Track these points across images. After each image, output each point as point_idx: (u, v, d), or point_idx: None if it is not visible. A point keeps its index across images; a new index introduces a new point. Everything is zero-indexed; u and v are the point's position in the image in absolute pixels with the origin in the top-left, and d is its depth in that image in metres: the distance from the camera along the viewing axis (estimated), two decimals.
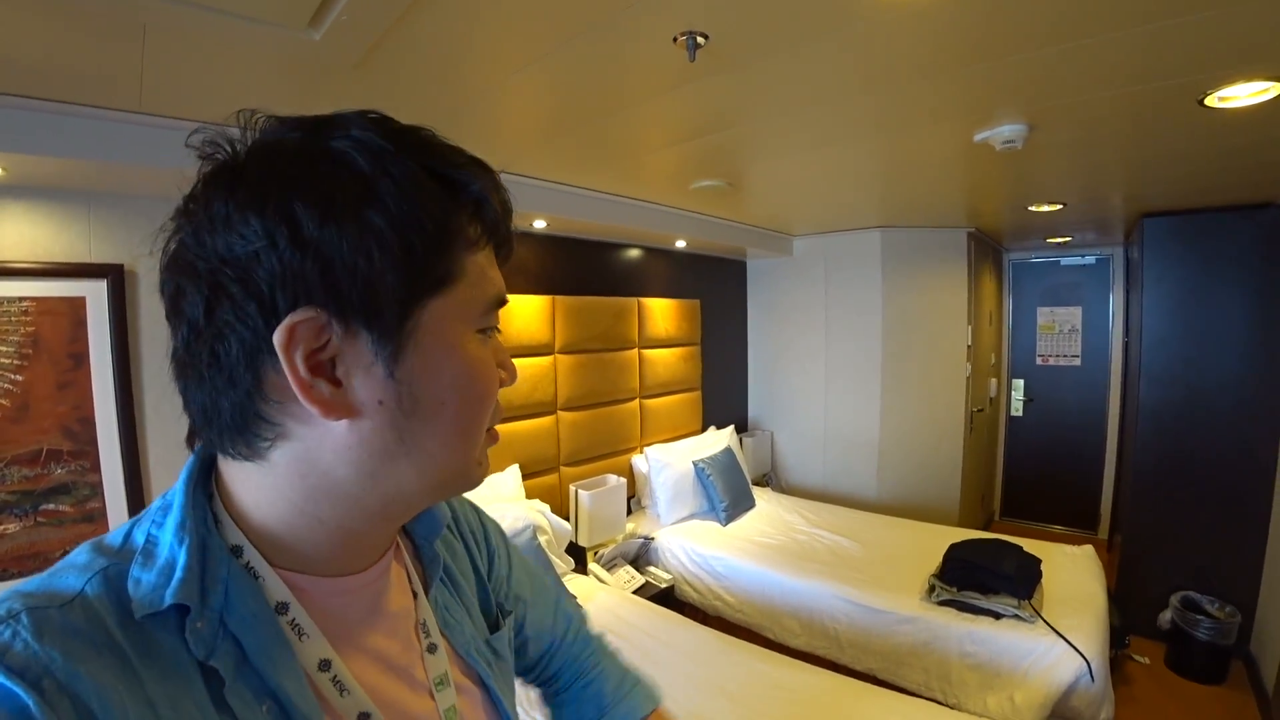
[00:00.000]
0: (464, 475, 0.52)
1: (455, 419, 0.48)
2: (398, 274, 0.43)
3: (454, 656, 0.60)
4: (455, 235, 0.47)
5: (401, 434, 0.46)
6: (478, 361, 0.49)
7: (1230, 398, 3.14)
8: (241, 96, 1.48)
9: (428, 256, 0.44)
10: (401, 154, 0.44)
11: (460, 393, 0.48)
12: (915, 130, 1.98)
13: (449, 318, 0.47)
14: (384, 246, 0.42)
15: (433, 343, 0.46)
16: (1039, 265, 5.08)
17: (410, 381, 0.45)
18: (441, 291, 0.46)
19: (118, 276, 1.81)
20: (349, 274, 0.41)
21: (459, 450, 0.49)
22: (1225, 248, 3.12)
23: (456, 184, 0.47)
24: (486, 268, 0.50)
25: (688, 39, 1.28)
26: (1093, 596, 2.52)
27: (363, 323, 0.43)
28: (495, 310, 0.51)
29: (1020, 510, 5.23)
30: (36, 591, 0.39)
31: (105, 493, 1.81)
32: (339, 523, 0.48)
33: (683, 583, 3.18)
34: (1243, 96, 1.60)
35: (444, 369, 0.46)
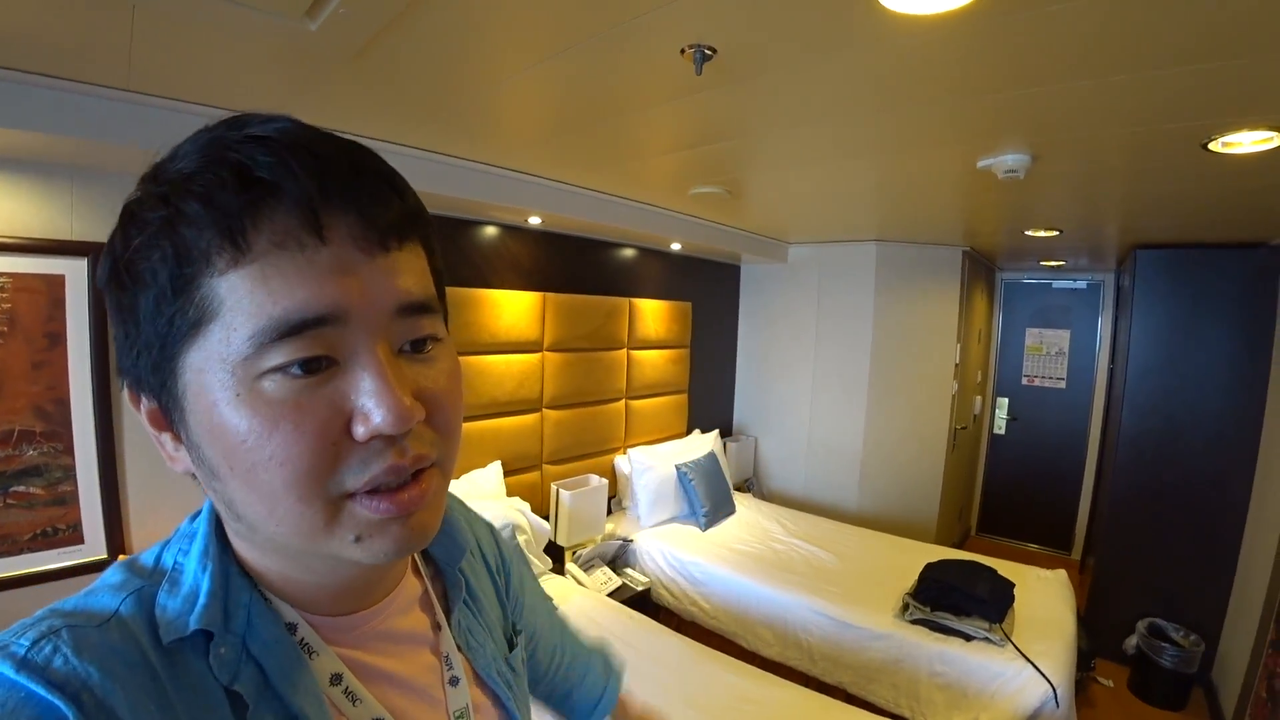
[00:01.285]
0: (329, 548, 0.41)
1: (246, 488, 0.39)
2: (151, 333, 0.39)
3: (474, 679, 0.59)
4: (191, 264, 0.37)
5: (221, 498, 0.42)
6: (251, 417, 0.37)
7: (1208, 431, 3.18)
8: (233, 82, 1.46)
9: (165, 304, 0.38)
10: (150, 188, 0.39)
11: (237, 458, 0.38)
12: (918, 152, 1.98)
13: (209, 370, 0.38)
14: (134, 309, 0.39)
15: (196, 402, 0.39)
16: (1031, 286, 5.12)
17: (198, 445, 0.40)
18: (193, 339, 0.38)
19: (98, 255, 1.76)
20: (123, 342, 0.41)
21: (281, 524, 0.40)
22: (1215, 284, 3.15)
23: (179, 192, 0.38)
24: (261, 280, 0.37)
25: (696, 51, 1.26)
26: (1063, 622, 2.55)
27: (148, 388, 0.42)
28: (293, 339, 0.37)
29: (996, 527, 5.28)
30: (75, 610, 0.39)
31: (78, 476, 1.78)
32: (280, 571, 0.46)
33: (659, 586, 3.19)
34: (1245, 144, 1.61)
35: (210, 431, 0.39)
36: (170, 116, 1.55)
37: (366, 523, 0.41)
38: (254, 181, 0.37)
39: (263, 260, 0.37)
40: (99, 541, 1.83)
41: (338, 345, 0.39)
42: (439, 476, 0.45)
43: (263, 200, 0.37)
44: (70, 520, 1.79)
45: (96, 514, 1.82)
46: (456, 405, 0.46)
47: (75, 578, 1.77)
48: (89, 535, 1.81)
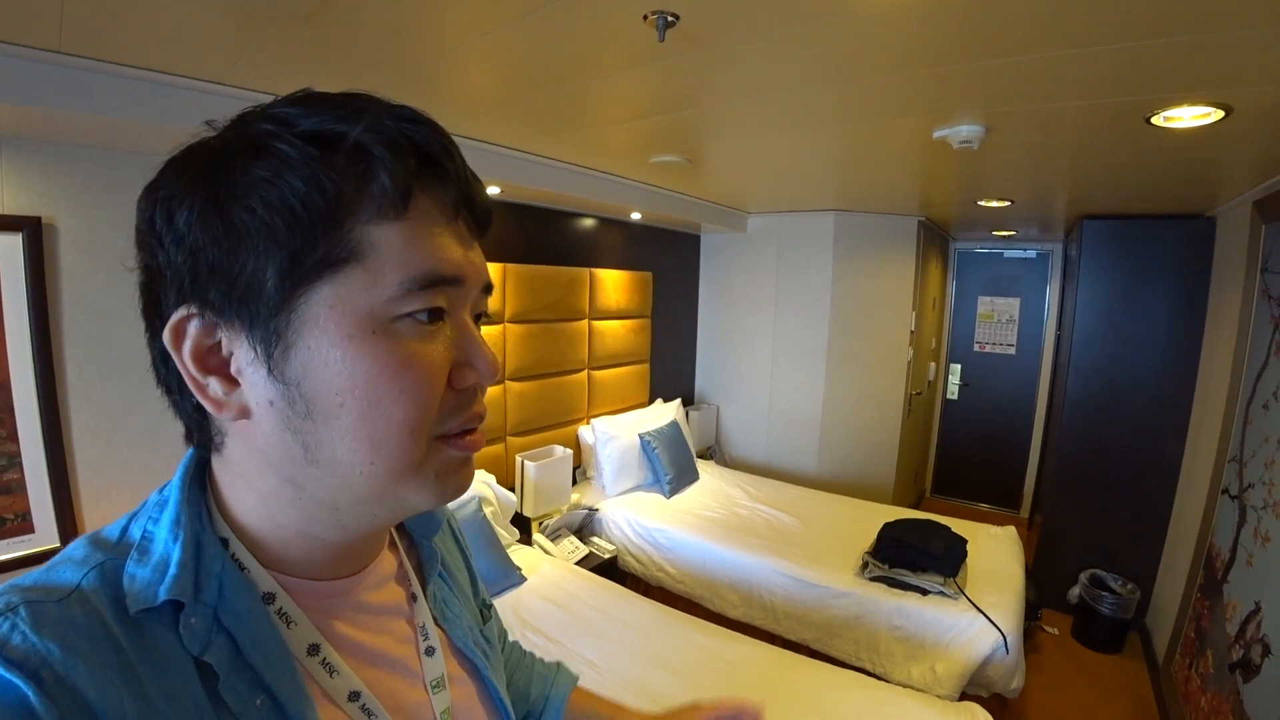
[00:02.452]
0: (407, 489, 0.45)
1: (359, 424, 0.42)
2: (262, 262, 0.40)
3: (451, 651, 0.60)
4: (345, 206, 0.40)
5: (303, 440, 0.42)
6: (387, 355, 0.41)
7: (1146, 394, 3.35)
8: (176, 43, 1.38)
9: (301, 238, 0.40)
10: (287, 127, 0.41)
11: (359, 393, 0.41)
12: (877, 123, 2.00)
13: (341, 306, 0.41)
14: (244, 235, 0.39)
15: (321, 336, 0.41)
16: (983, 256, 5.25)
17: (298, 381, 0.41)
18: (328, 276, 0.40)
19: (35, 229, 1.66)
20: (214, 269, 0.40)
21: (380, 460, 0.43)
22: (1156, 253, 3.29)
23: (334, 140, 0.41)
24: (415, 239, 0.42)
25: (658, 18, 1.25)
26: (1012, 575, 2.68)
27: (238, 318, 0.41)
28: (424, 292, 0.42)
29: (950, 488, 5.49)
30: (34, 585, 0.39)
31: (24, 463, 1.70)
32: (296, 528, 0.46)
33: (626, 554, 3.24)
34: (1186, 119, 1.68)
35: (336, 366, 0.41)
36: (107, 80, 1.46)
37: (449, 462, 0.46)
38: (426, 156, 0.43)
39: (415, 221, 0.42)
40: (50, 529, 1.76)
41: (454, 305, 0.46)
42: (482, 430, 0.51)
43: (431, 172, 0.44)
44: (18, 509, 1.72)
45: (46, 501, 1.75)
46: None
47: (27, 568, 1.70)
48: (39, 523, 1.75)
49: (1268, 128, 1.78)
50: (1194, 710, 2.40)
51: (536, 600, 2.40)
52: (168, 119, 1.54)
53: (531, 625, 2.24)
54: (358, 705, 0.48)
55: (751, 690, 1.98)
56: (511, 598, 2.39)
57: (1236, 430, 2.45)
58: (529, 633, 2.20)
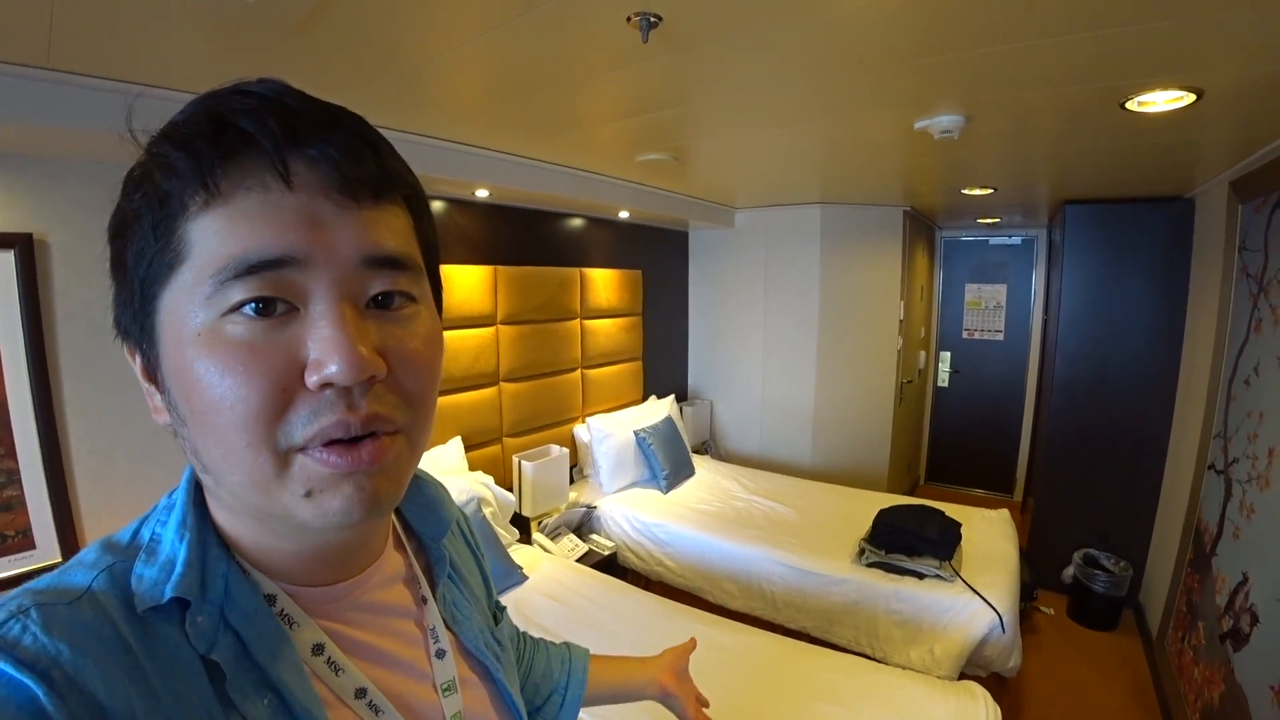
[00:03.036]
0: (280, 505, 0.41)
1: (205, 432, 0.40)
2: (132, 281, 0.41)
3: (462, 653, 0.60)
4: (168, 208, 0.39)
5: (189, 445, 0.43)
6: (209, 358, 0.38)
7: (1132, 375, 3.40)
8: (165, 58, 1.40)
9: (140, 249, 0.40)
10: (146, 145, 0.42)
11: (194, 401, 0.39)
12: (858, 116, 2.03)
13: (176, 311, 0.40)
14: (123, 257, 0.42)
15: (165, 344, 0.41)
16: (969, 244, 5.30)
17: (168, 389, 0.42)
18: (165, 283, 0.40)
19: (26, 246, 1.67)
20: (116, 293, 0.43)
21: (235, 471, 0.40)
22: (1137, 236, 3.34)
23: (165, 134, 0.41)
24: (228, 223, 0.38)
25: (641, 19, 1.27)
26: (1006, 556, 2.72)
27: (131, 335, 0.44)
28: (247, 279, 0.38)
29: (944, 475, 5.54)
30: (46, 588, 0.39)
31: (23, 480, 1.71)
32: (253, 538, 0.46)
33: (625, 550, 3.26)
34: (1159, 103, 1.71)
35: (176, 372, 0.40)
36: (96, 96, 1.47)
37: (316, 477, 0.40)
38: (229, 127, 0.39)
39: (231, 204, 0.38)
40: (51, 545, 1.76)
41: (298, 291, 0.39)
42: (404, 445, 0.44)
43: (235, 146, 0.39)
44: (19, 525, 1.72)
45: (46, 517, 1.75)
46: (428, 371, 0.45)
47: None
48: (40, 540, 1.75)
49: (1239, 110, 1.82)
50: (1188, 682, 2.44)
51: (538, 597, 2.42)
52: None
53: (534, 622, 2.26)
54: (364, 702, 0.48)
55: (754, 676, 2.00)
56: (513, 596, 2.41)
57: (1220, 407, 2.50)
58: (532, 629, 2.21)
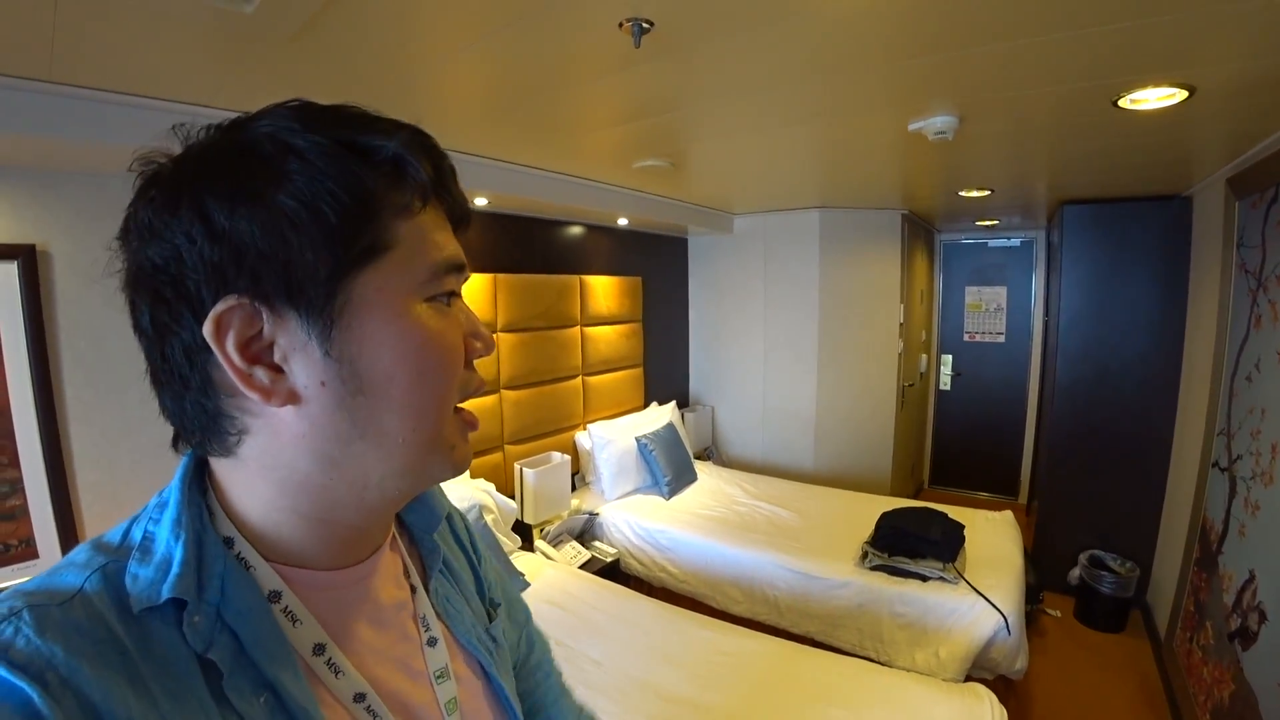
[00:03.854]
0: (434, 459, 0.49)
1: (408, 394, 0.46)
2: (316, 251, 0.42)
3: (455, 647, 0.60)
4: (379, 202, 0.45)
5: (353, 415, 0.45)
6: (426, 330, 0.47)
7: (1133, 374, 3.39)
8: (164, 69, 1.41)
9: (347, 228, 0.43)
10: (310, 131, 0.43)
11: (408, 365, 0.46)
12: (853, 118, 2.04)
13: (386, 289, 0.45)
14: (296, 225, 0.42)
15: (370, 316, 0.44)
16: (968, 246, 5.31)
17: (350, 359, 0.44)
18: (372, 262, 0.45)
19: (29, 257, 1.69)
20: (265, 259, 0.41)
21: (421, 428, 0.47)
22: (1136, 235, 3.34)
23: (371, 149, 0.45)
24: (430, 232, 0.48)
25: (633, 25, 1.28)
26: (1010, 558, 2.71)
27: (288, 304, 0.43)
28: (447, 276, 0.49)
29: (947, 479, 5.52)
30: (37, 590, 0.39)
31: (26, 489, 1.71)
32: (318, 515, 0.48)
33: (628, 556, 3.25)
34: (1151, 100, 1.72)
35: (386, 341, 0.45)
36: (96, 108, 1.49)
37: (460, 433, 0.51)
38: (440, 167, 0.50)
39: (428, 219, 0.49)
40: (54, 554, 1.77)
41: (457, 288, 0.51)
42: None
43: (444, 179, 0.50)
44: (22, 535, 1.73)
45: (50, 526, 1.76)
46: None
47: None
48: (44, 549, 1.76)
49: (1232, 106, 1.82)
50: (1197, 682, 2.42)
51: (541, 604, 2.41)
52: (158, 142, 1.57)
53: None
54: (363, 706, 0.48)
55: (758, 680, 1.99)
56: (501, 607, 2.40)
57: (1223, 404, 2.49)
58: None
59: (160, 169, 0.45)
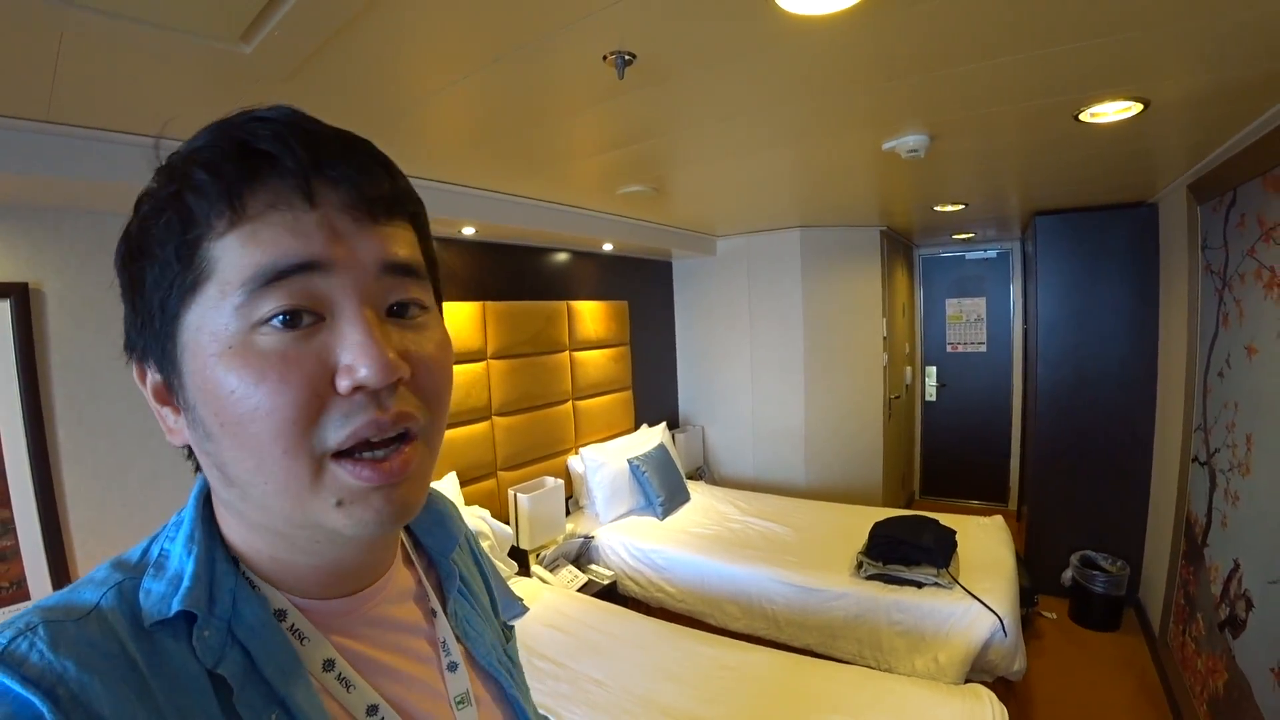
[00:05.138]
0: (309, 513, 0.42)
1: (238, 444, 0.41)
2: (153, 300, 0.42)
3: (474, 669, 0.59)
4: (191, 231, 0.41)
5: (213, 461, 0.43)
6: (243, 369, 0.40)
7: (1113, 377, 3.47)
8: (161, 105, 1.45)
9: (168, 269, 0.41)
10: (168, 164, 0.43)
11: (228, 412, 0.40)
12: (828, 139, 2.11)
13: (206, 326, 0.41)
14: (140, 279, 0.43)
15: (194, 360, 0.41)
16: (946, 259, 5.42)
17: (194, 406, 0.42)
18: (191, 300, 0.41)
19: (22, 296, 1.70)
20: (131, 316, 0.44)
21: (269, 480, 0.41)
22: (1106, 242, 3.44)
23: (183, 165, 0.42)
24: (252, 237, 0.40)
25: (617, 58, 1.33)
26: (1002, 561, 2.74)
27: (150, 357, 0.44)
28: (275, 286, 0.40)
29: (938, 488, 5.57)
30: (55, 605, 0.40)
31: (18, 529, 1.70)
32: (269, 553, 0.47)
33: (624, 578, 3.25)
34: (1109, 114, 1.81)
35: (208, 386, 0.41)
36: (94, 146, 1.52)
37: (349, 489, 0.42)
38: (253, 152, 0.41)
39: (256, 221, 0.40)
40: (46, 594, 1.76)
41: (323, 300, 0.41)
42: (424, 449, 0.46)
43: (260, 168, 0.41)
44: (13, 576, 1.71)
45: (41, 566, 1.74)
46: (444, 374, 0.47)
47: None
48: (35, 589, 1.74)
49: (1187, 117, 1.92)
50: (1192, 674, 2.46)
51: (540, 628, 2.41)
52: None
53: (537, 652, 2.25)
54: (376, 719, 0.48)
55: (760, 693, 2.00)
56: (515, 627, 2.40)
57: (1198, 400, 2.56)
58: (535, 659, 2.21)
59: None
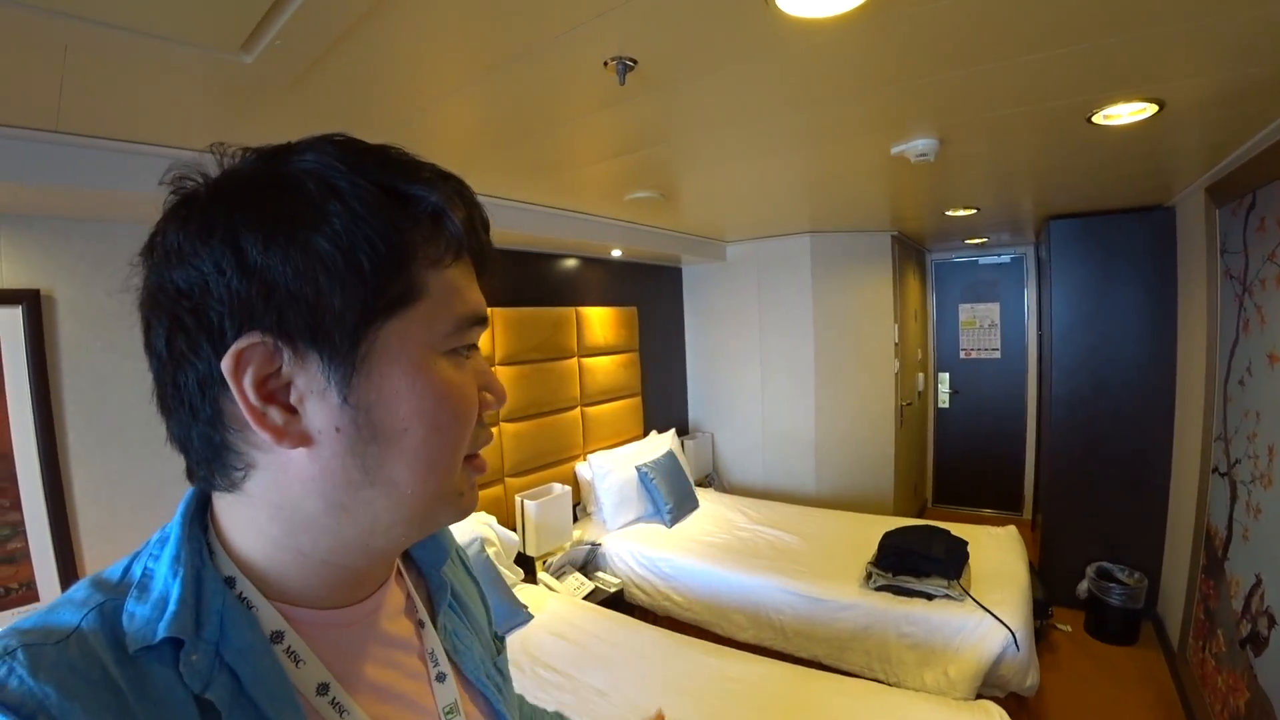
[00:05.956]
0: (442, 507, 0.49)
1: (421, 446, 0.45)
2: (346, 296, 0.42)
3: (462, 683, 0.59)
4: (413, 253, 0.44)
5: (364, 463, 0.44)
6: (446, 384, 0.46)
7: (1130, 384, 3.41)
8: (166, 115, 1.46)
9: (380, 277, 0.42)
10: (354, 172, 0.43)
11: (425, 418, 0.45)
12: (837, 144, 2.09)
13: (410, 339, 0.45)
14: (330, 269, 0.41)
15: (391, 366, 0.44)
16: (959, 265, 5.37)
17: (368, 407, 0.43)
18: (399, 312, 0.44)
19: (34, 302, 1.72)
20: (294, 299, 0.41)
21: (430, 480, 0.47)
22: (1121, 246, 3.39)
23: (412, 199, 0.45)
24: (459, 285, 0.48)
25: (618, 64, 1.32)
26: (1015, 573, 2.69)
27: (312, 347, 0.42)
28: (469, 330, 0.49)
29: (951, 497, 5.49)
30: (33, 628, 0.39)
31: (28, 532, 1.72)
32: (321, 557, 0.47)
33: (631, 586, 3.23)
34: (1123, 116, 1.77)
35: (405, 393, 0.44)
36: (100, 156, 1.54)
37: (469, 482, 0.51)
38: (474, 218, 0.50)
39: (456, 270, 0.48)
40: (55, 597, 1.76)
41: None
42: None
43: (477, 232, 0.50)
44: (23, 578, 1.73)
45: (51, 570, 1.76)
46: None
47: None
48: (45, 592, 1.76)
49: (1203, 118, 1.87)
50: (1212, 691, 2.39)
51: (545, 636, 2.40)
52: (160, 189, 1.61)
53: (541, 661, 2.23)
54: None
55: (766, 706, 1.97)
56: (520, 636, 2.39)
57: (1218, 409, 2.50)
58: (539, 668, 2.19)
59: (195, 191, 0.44)
